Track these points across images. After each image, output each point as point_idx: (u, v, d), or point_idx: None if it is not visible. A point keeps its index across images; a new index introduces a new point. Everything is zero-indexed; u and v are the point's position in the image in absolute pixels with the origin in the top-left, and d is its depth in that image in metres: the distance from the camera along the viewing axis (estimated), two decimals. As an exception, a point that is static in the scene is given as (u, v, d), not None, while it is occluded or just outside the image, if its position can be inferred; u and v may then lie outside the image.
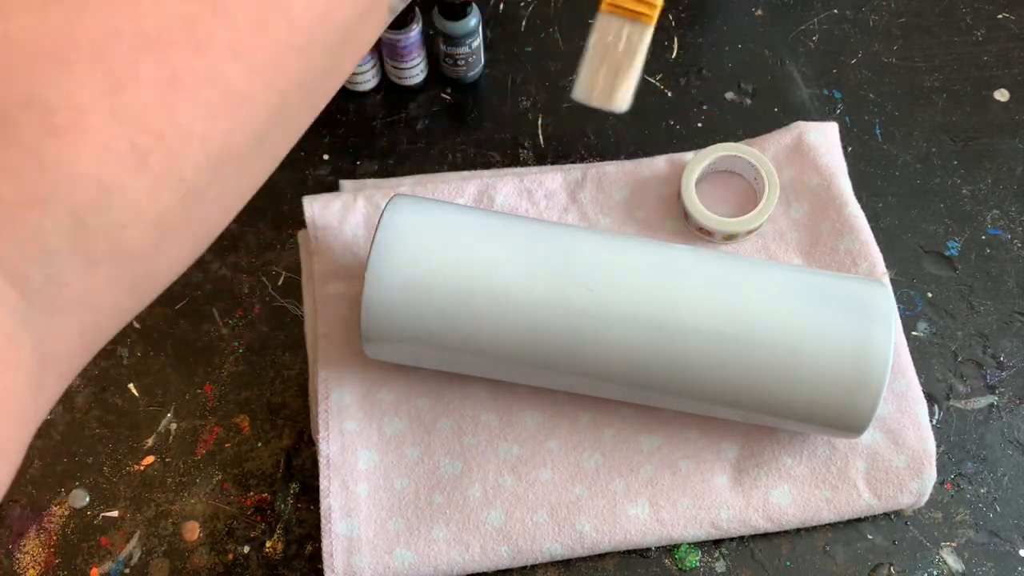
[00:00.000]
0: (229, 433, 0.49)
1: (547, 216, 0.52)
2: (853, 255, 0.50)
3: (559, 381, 0.44)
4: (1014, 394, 0.49)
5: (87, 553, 0.46)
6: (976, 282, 0.52)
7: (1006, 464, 0.48)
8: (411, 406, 0.48)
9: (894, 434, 0.46)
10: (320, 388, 0.47)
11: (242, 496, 0.48)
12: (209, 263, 0.53)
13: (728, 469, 0.47)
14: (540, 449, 0.47)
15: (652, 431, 0.47)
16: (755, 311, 0.42)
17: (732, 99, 0.57)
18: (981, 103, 0.57)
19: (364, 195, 0.51)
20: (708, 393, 0.43)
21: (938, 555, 0.46)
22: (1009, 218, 0.53)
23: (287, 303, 0.52)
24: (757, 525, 0.45)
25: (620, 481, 0.46)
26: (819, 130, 0.53)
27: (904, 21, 0.59)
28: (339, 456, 0.46)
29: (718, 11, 0.60)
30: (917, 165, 0.55)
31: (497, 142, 0.56)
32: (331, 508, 0.45)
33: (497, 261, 0.42)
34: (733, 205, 0.52)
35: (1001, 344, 0.50)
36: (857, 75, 0.57)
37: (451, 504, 0.46)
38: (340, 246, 0.50)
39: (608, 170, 0.53)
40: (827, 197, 0.51)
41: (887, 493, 0.45)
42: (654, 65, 0.58)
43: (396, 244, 0.42)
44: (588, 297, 0.42)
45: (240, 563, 0.46)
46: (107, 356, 0.50)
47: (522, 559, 0.45)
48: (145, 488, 0.48)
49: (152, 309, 0.51)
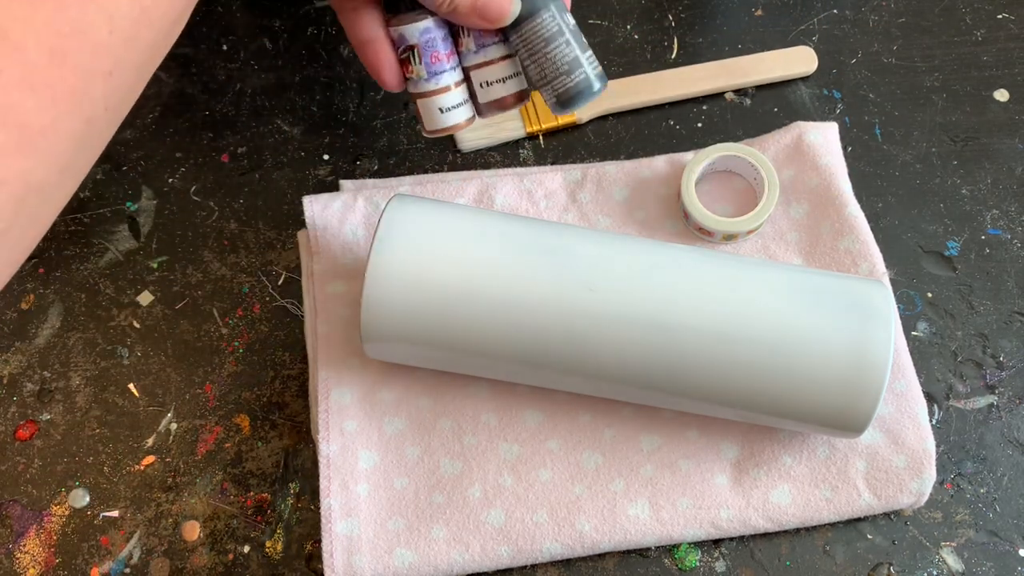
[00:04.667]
0: (229, 433, 0.49)
1: (547, 216, 0.52)
2: (853, 255, 0.50)
3: (559, 381, 0.44)
4: (1014, 394, 0.49)
5: (87, 553, 0.46)
6: (976, 282, 0.52)
7: (1006, 464, 0.48)
8: (411, 406, 0.48)
9: (894, 434, 0.46)
10: (320, 388, 0.47)
11: (242, 496, 0.48)
12: (209, 263, 0.53)
13: (728, 469, 0.47)
14: (540, 449, 0.47)
15: (652, 431, 0.47)
16: (755, 311, 0.42)
17: (732, 99, 0.57)
18: (981, 103, 0.57)
19: (364, 195, 0.51)
20: (708, 393, 0.43)
21: (938, 555, 0.46)
22: (1009, 218, 0.53)
23: (287, 303, 0.52)
24: (757, 525, 0.45)
25: (620, 481, 0.46)
26: (819, 130, 0.53)
27: (904, 21, 0.59)
28: (339, 456, 0.46)
29: (718, 11, 0.60)
30: (917, 165, 0.55)
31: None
32: (331, 508, 0.45)
33: (497, 261, 0.42)
34: (733, 205, 0.52)
35: (1001, 344, 0.50)
36: (857, 75, 0.57)
37: (451, 504, 0.46)
38: (340, 246, 0.50)
39: (608, 170, 0.53)
40: (827, 197, 0.51)
41: (887, 493, 0.45)
42: (654, 65, 0.58)
43: (396, 244, 0.42)
44: (587, 297, 0.42)
45: (240, 563, 0.46)
46: (107, 356, 0.50)
47: (522, 559, 0.45)
48: (145, 488, 0.48)
49: (152, 309, 0.51)
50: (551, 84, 0.42)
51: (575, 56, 0.42)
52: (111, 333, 0.51)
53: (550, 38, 0.41)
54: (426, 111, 0.43)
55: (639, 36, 0.59)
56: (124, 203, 0.54)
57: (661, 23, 0.59)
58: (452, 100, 0.43)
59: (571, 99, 0.42)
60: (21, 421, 0.49)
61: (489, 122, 0.55)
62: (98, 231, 0.54)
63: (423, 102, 0.43)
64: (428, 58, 0.42)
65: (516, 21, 0.41)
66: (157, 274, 0.52)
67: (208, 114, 0.57)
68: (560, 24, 0.41)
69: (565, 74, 0.42)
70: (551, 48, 0.42)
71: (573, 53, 0.42)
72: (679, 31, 0.59)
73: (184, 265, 0.53)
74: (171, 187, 0.55)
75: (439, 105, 0.43)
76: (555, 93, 0.43)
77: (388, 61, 0.42)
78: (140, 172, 0.55)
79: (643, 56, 0.58)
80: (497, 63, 0.43)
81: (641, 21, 0.59)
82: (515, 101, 0.44)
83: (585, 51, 0.42)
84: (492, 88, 0.43)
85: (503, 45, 0.43)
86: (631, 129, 0.56)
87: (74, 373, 0.50)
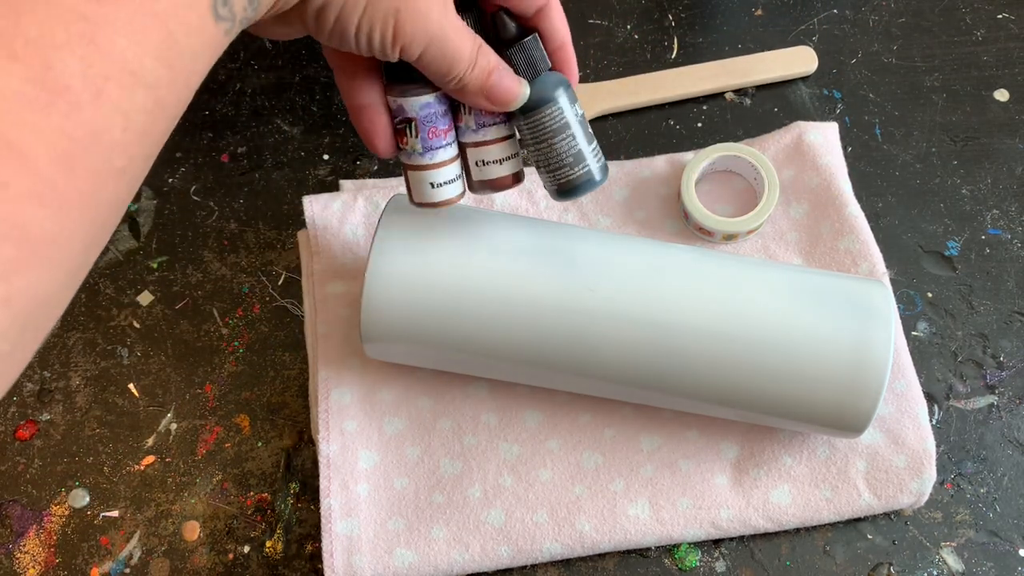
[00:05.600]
0: (229, 433, 0.49)
1: (547, 216, 0.52)
2: (853, 255, 0.50)
3: (559, 381, 0.44)
4: (1014, 394, 0.49)
5: (87, 553, 0.46)
6: (976, 282, 0.52)
7: (1006, 464, 0.48)
8: (411, 406, 0.48)
9: (894, 434, 0.46)
10: (320, 388, 0.47)
11: (242, 496, 0.48)
12: (209, 263, 0.53)
13: (728, 469, 0.47)
14: (540, 449, 0.47)
15: (652, 431, 0.47)
16: (755, 311, 0.42)
17: (732, 99, 0.57)
18: (981, 103, 0.57)
19: (364, 195, 0.51)
20: (708, 393, 0.43)
21: (938, 555, 0.46)
22: (1009, 218, 0.53)
23: (287, 303, 0.52)
24: (757, 525, 0.45)
25: (620, 481, 0.46)
26: (819, 130, 0.53)
27: (904, 21, 0.59)
28: (339, 456, 0.46)
29: (718, 11, 0.60)
30: (917, 165, 0.55)
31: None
32: (331, 508, 0.45)
33: (497, 261, 0.42)
34: (733, 205, 0.52)
35: (1001, 344, 0.50)
36: (857, 75, 0.57)
37: (451, 504, 0.46)
38: (340, 246, 0.50)
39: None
40: (827, 197, 0.51)
41: (887, 493, 0.45)
42: (655, 65, 0.58)
43: (396, 244, 0.42)
44: (587, 297, 0.42)
45: (240, 563, 0.46)
46: (107, 356, 0.50)
47: (522, 559, 0.45)
48: (145, 488, 0.48)
49: (152, 309, 0.51)
50: (553, 174, 0.41)
51: (579, 150, 0.40)
52: (111, 333, 0.51)
53: (557, 130, 0.40)
54: (416, 183, 0.41)
55: (639, 36, 0.59)
56: (124, 203, 0.54)
57: (661, 23, 0.59)
58: (445, 176, 0.41)
59: (572, 191, 0.41)
60: (21, 421, 0.49)
61: None
62: (98, 231, 0.54)
63: (414, 174, 0.41)
64: (426, 133, 0.39)
65: (523, 107, 0.39)
66: (157, 274, 0.52)
67: (208, 114, 0.57)
68: (568, 117, 0.40)
69: (568, 166, 0.40)
70: (557, 140, 0.40)
71: (578, 147, 0.40)
72: (679, 31, 0.59)
73: (184, 265, 0.53)
74: (171, 187, 0.55)
75: (431, 180, 0.40)
76: (556, 183, 0.41)
77: (383, 129, 0.39)
78: (140, 172, 0.55)
79: (643, 56, 0.58)
80: (496, 143, 0.41)
81: (641, 21, 0.59)
82: (512, 182, 0.42)
83: (591, 143, 0.41)
84: (488, 168, 0.41)
85: (504, 126, 0.41)
86: (631, 129, 0.56)
87: (74, 373, 0.50)
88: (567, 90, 0.39)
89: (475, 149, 0.41)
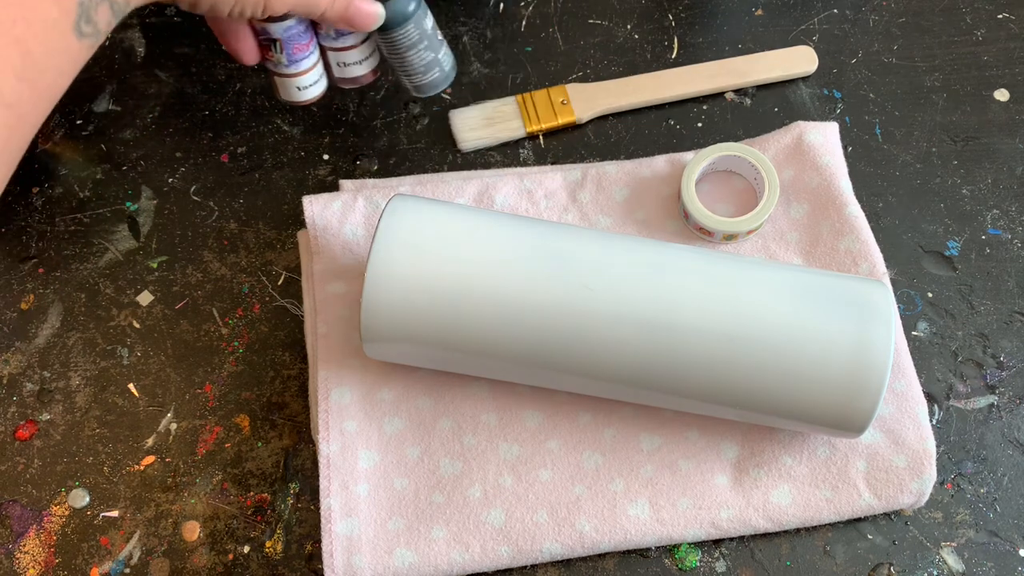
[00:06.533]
0: (229, 433, 0.49)
1: (547, 216, 0.52)
2: (853, 255, 0.50)
3: (559, 381, 0.44)
4: (1014, 394, 0.49)
5: (87, 553, 0.46)
6: (976, 282, 0.52)
7: (1006, 464, 0.48)
8: (411, 406, 0.48)
9: (894, 434, 0.46)
10: (320, 388, 0.47)
11: (242, 496, 0.48)
12: (209, 263, 0.53)
13: (728, 469, 0.47)
14: (540, 449, 0.47)
15: (652, 431, 0.47)
16: (755, 311, 0.42)
17: (732, 99, 0.57)
18: (981, 103, 0.57)
19: (364, 195, 0.51)
20: (708, 393, 0.43)
21: (938, 555, 0.46)
22: (1009, 218, 0.53)
23: (287, 303, 0.52)
24: (757, 525, 0.45)
25: (620, 481, 0.46)
26: (819, 130, 0.53)
27: (904, 21, 0.59)
28: (339, 456, 0.46)
29: (718, 11, 0.60)
30: (917, 165, 0.55)
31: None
32: (331, 508, 0.45)
33: (497, 261, 0.42)
34: (733, 205, 0.52)
35: (1001, 344, 0.50)
36: (857, 75, 0.57)
37: (451, 504, 0.46)
38: (340, 246, 0.50)
39: (608, 170, 0.53)
40: (827, 197, 0.51)
41: (887, 493, 0.45)
42: (654, 65, 0.58)
43: (396, 244, 0.42)
44: (588, 297, 0.42)
45: (240, 563, 0.46)
46: (107, 356, 0.50)
47: (522, 559, 0.45)
48: (145, 488, 0.48)
49: (152, 309, 0.51)
50: (410, 78, 0.48)
51: (432, 58, 0.47)
52: (111, 333, 0.51)
53: (411, 46, 0.46)
54: (284, 87, 0.47)
55: (639, 36, 0.59)
56: (124, 203, 0.54)
57: (661, 23, 0.59)
58: (309, 80, 0.47)
59: (427, 89, 0.49)
60: (21, 421, 0.49)
61: (489, 123, 0.55)
62: (98, 231, 0.54)
63: (281, 80, 0.47)
64: (290, 49, 0.45)
65: (380, 27, 0.44)
66: (157, 274, 0.52)
67: (208, 114, 0.57)
68: (421, 32, 0.46)
69: (423, 72, 0.48)
70: (411, 54, 0.47)
71: (431, 55, 0.47)
72: (679, 31, 0.59)
73: (184, 265, 0.53)
74: (171, 187, 0.55)
75: (297, 84, 0.47)
76: (412, 85, 0.49)
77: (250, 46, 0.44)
78: (140, 172, 0.55)
79: (643, 56, 0.58)
80: (355, 47, 0.47)
81: (641, 21, 0.59)
82: (371, 77, 0.49)
83: (440, 49, 0.47)
84: (349, 68, 0.48)
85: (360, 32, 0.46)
86: (631, 129, 0.56)
87: (74, 373, 0.50)
88: (419, 6, 0.45)
89: (336, 53, 0.47)
